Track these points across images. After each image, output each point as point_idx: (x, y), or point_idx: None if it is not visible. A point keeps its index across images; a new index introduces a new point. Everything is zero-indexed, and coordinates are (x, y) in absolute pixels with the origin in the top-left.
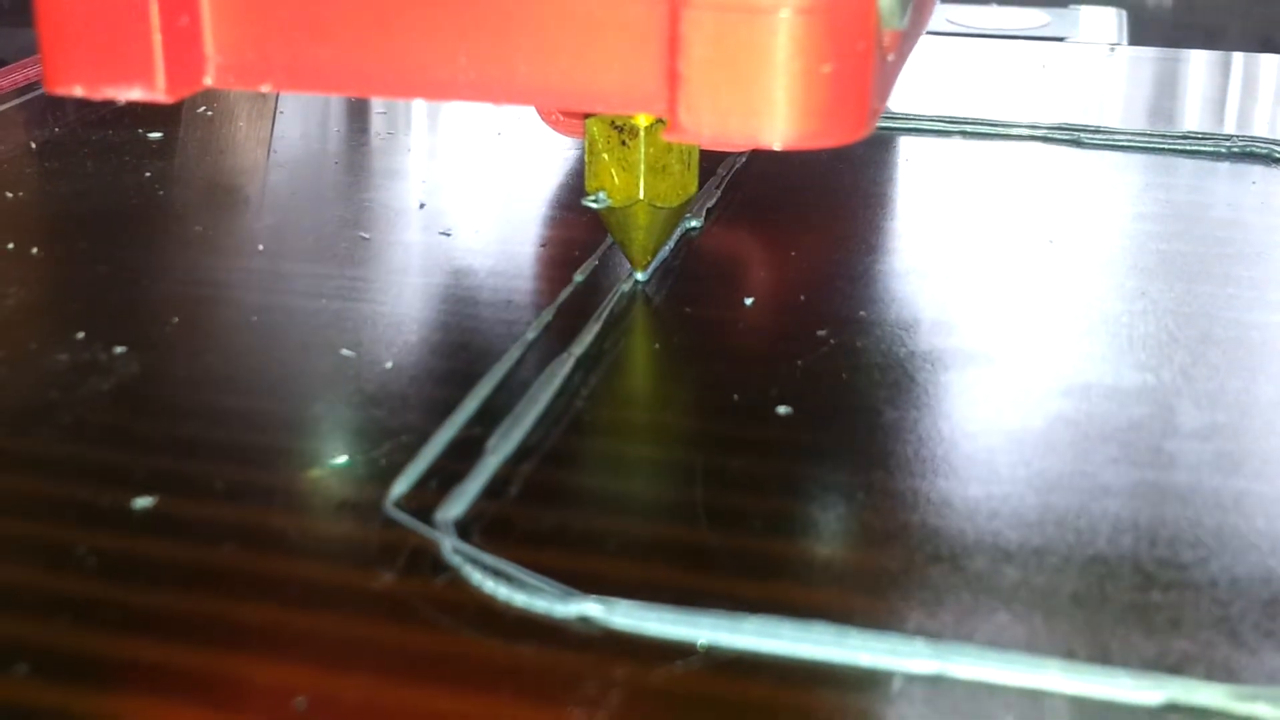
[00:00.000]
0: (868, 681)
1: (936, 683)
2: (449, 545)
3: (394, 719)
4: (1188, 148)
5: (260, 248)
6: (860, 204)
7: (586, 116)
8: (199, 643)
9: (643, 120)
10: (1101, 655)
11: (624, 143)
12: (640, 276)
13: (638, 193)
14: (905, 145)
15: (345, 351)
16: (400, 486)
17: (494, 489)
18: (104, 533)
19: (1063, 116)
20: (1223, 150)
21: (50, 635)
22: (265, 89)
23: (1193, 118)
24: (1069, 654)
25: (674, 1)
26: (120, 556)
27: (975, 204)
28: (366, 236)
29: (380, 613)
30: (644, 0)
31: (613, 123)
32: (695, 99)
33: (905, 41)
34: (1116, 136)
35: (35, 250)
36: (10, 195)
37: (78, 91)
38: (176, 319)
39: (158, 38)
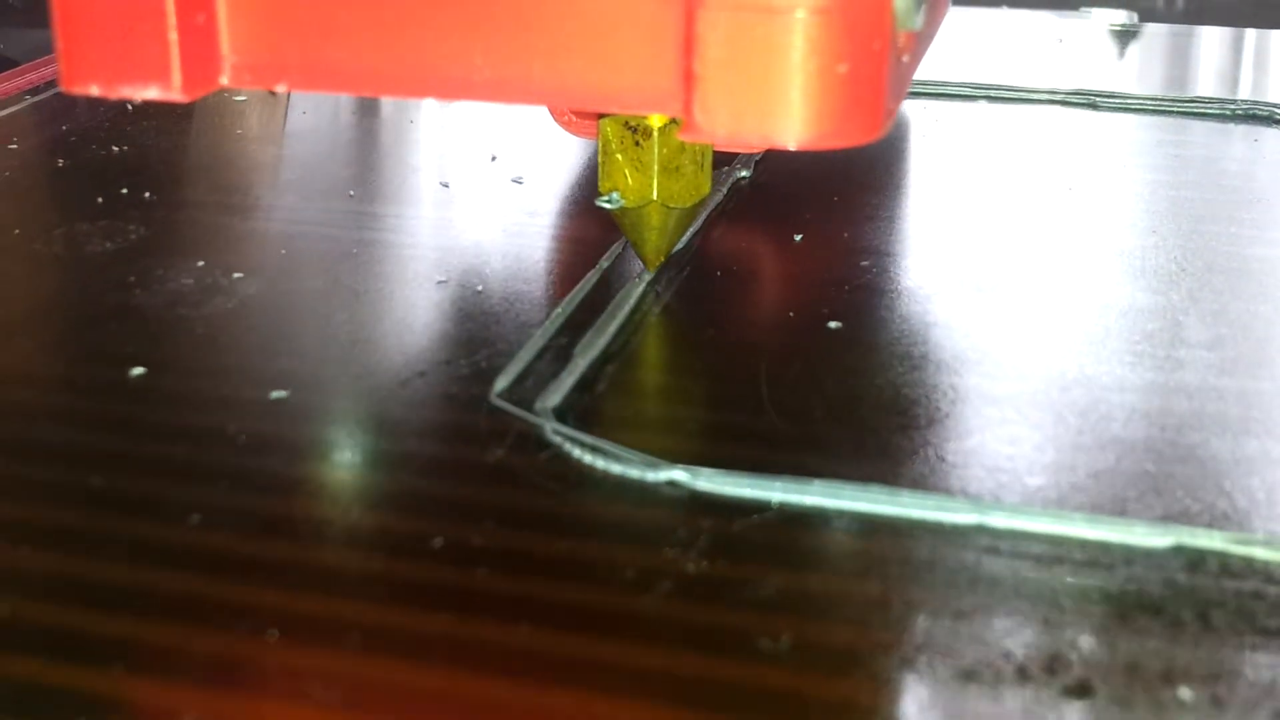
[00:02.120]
0: (918, 530)
1: (977, 531)
2: (549, 428)
3: (517, 559)
4: (1197, 110)
5: (351, 193)
6: (896, 158)
7: (600, 117)
8: (339, 503)
9: (656, 121)
10: (1119, 510)
11: (637, 143)
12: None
13: (651, 193)
14: (935, 108)
15: (439, 278)
16: (501, 383)
17: (583, 385)
18: (248, 417)
19: (1079, 84)
20: (1229, 113)
21: (215, 496)
22: (280, 89)
23: (1202, 85)
24: (1091, 509)
25: (690, 2)
26: (264, 436)
27: (1000, 158)
28: (446, 184)
29: (495, 480)
30: (660, 0)
31: (626, 123)
32: (711, 99)
33: (920, 42)
34: (1130, 101)
35: (147, 195)
36: (116, 149)
37: (94, 91)
38: (284, 251)
39: (174, 37)
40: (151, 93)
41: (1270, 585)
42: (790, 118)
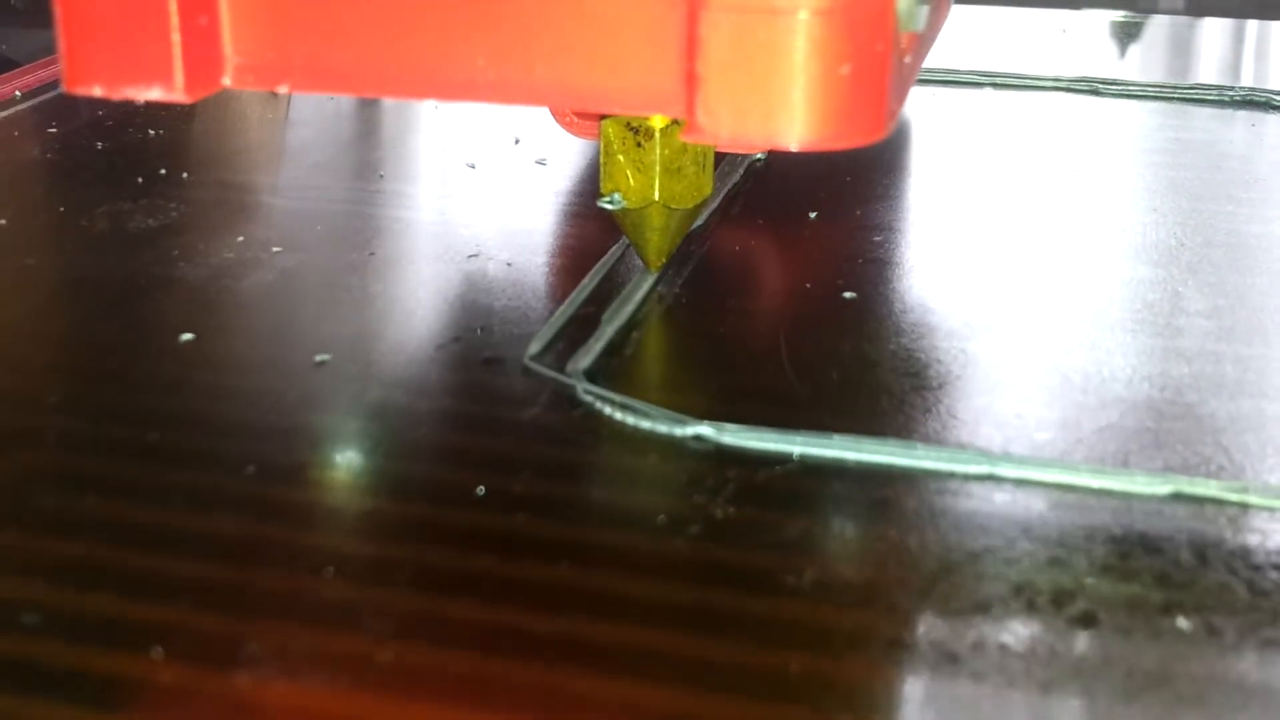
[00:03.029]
0: (932, 479)
1: (986, 479)
2: (581, 388)
3: (556, 505)
4: (1196, 96)
5: (381, 174)
6: (906, 142)
7: (602, 118)
8: (385, 456)
9: (658, 122)
10: (1122, 462)
11: (639, 144)
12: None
13: (653, 194)
14: (943, 95)
15: (469, 253)
16: (534, 347)
17: (611, 350)
18: (294, 379)
19: (1082, 72)
20: (1227, 99)
21: (268, 449)
22: (283, 90)
23: (1203, 74)
24: (1095, 462)
25: (692, 3)
26: (311, 396)
27: (1006, 141)
28: (472, 165)
29: (531, 435)
30: (662, 2)
31: (628, 124)
32: (713, 100)
33: (922, 43)
34: (1131, 87)
35: (185, 175)
36: (153, 133)
37: (97, 91)
38: (319, 227)
39: (176, 38)
40: (154, 93)
41: (1263, 527)
42: (793, 119)
